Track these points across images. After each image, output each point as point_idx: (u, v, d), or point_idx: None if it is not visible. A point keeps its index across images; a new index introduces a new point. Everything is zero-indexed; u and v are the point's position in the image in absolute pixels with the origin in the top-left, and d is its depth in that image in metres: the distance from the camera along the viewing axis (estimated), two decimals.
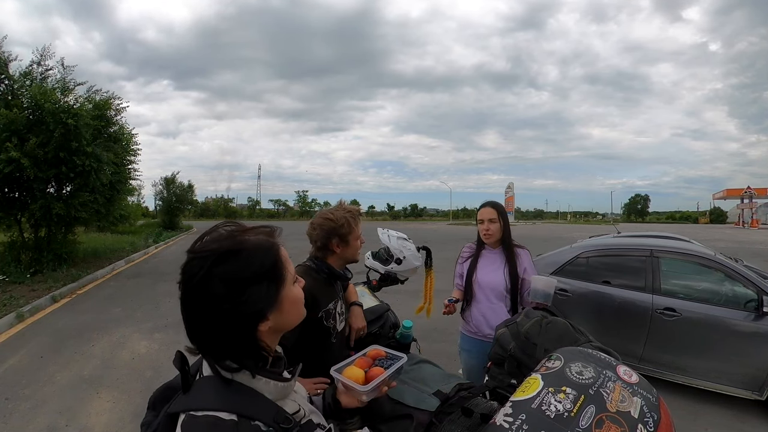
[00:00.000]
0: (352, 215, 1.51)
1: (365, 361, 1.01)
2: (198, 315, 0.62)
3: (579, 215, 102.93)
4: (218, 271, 0.60)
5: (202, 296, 0.61)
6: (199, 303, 0.61)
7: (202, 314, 0.61)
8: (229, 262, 0.61)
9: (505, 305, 2.05)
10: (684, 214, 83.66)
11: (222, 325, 0.61)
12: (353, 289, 1.77)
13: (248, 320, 0.63)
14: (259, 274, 0.63)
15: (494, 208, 2.07)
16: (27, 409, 2.97)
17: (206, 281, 0.60)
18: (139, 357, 4.00)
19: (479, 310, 2.11)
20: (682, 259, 3.40)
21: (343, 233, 1.46)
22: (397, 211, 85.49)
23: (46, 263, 7.86)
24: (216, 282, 0.60)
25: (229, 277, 0.61)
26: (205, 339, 0.63)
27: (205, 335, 0.63)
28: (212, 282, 0.60)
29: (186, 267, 0.62)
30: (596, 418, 0.75)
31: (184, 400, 0.63)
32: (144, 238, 15.55)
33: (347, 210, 1.52)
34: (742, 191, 44.19)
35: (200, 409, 0.60)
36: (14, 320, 5.03)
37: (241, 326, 0.62)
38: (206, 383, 0.64)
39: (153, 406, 0.83)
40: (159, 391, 0.84)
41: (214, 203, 67.89)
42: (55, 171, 7.25)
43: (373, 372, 0.94)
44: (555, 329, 1.24)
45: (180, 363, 0.64)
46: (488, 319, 2.07)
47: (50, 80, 7.81)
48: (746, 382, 2.88)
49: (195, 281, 0.61)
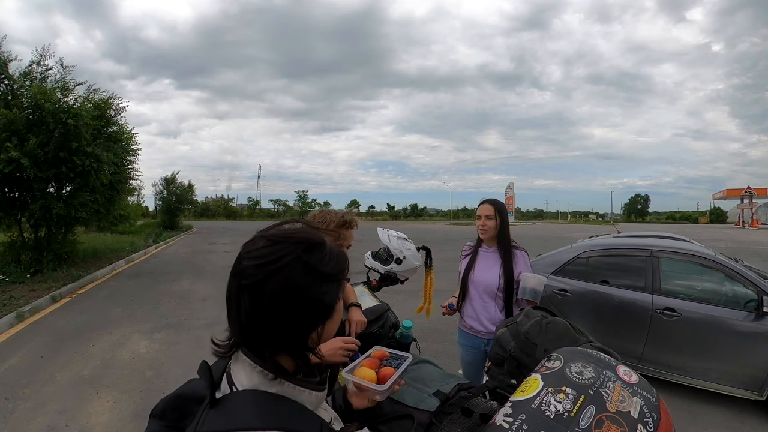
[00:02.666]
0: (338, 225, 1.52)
1: (372, 362, 1.01)
2: (271, 301, 0.57)
3: (579, 215, 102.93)
4: (306, 258, 0.59)
5: (283, 281, 0.57)
6: (277, 287, 0.57)
7: (277, 300, 0.57)
8: (316, 253, 0.60)
9: (496, 304, 2.07)
10: (684, 214, 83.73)
11: (292, 318, 0.58)
12: (352, 290, 1.76)
13: (315, 317, 0.61)
14: (335, 273, 0.62)
15: (492, 205, 2.09)
16: (27, 409, 2.97)
17: (293, 266, 0.58)
18: (139, 357, 4.00)
19: (472, 307, 2.15)
20: (682, 259, 3.39)
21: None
22: (397, 211, 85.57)
23: (46, 263, 7.86)
24: (301, 268, 0.58)
25: (317, 267, 0.59)
26: (267, 330, 0.59)
27: (273, 327, 0.58)
28: (298, 268, 0.58)
29: (264, 249, 0.59)
30: (596, 418, 0.75)
31: (219, 419, 0.56)
32: (144, 238, 15.56)
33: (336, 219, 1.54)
34: (742, 191, 44.21)
35: (242, 429, 0.54)
36: (14, 320, 5.03)
37: (307, 321, 0.60)
38: (245, 399, 0.59)
39: (161, 415, 0.75)
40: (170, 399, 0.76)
41: (214, 203, 67.87)
42: (55, 171, 7.25)
43: (384, 372, 0.95)
44: (555, 329, 1.24)
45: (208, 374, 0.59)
46: (479, 316, 2.11)
47: (50, 80, 7.81)
48: (746, 382, 2.88)
49: (279, 264, 0.57)
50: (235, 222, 49.29)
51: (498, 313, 2.06)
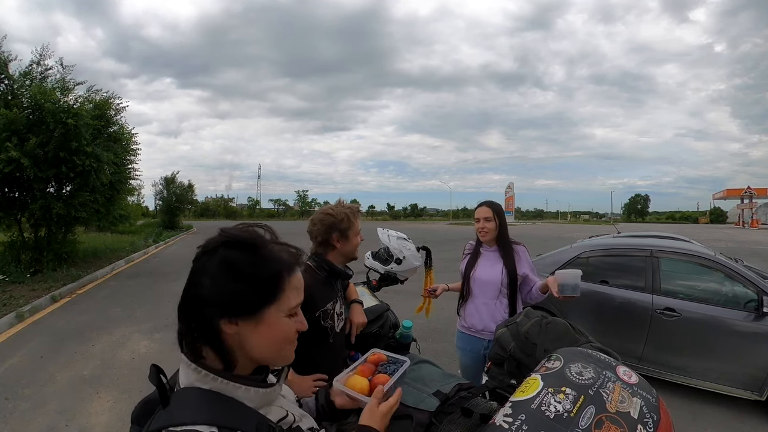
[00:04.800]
0: (352, 211, 1.55)
1: (367, 367, 0.99)
2: (188, 281, 0.63)
3: (578, 215, 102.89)
4: (224, 252, 0.62)
5: (198, 266, 0.63)
6: (192, 271, 0.63)
7: (189, 281, 0.63)
8: (239, 251, 0.63)
9: (500, 303, 2.07)
10: (684, 214, 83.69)
11: (195, 300, 0.62)
12: (353, 288, 1.77)
13: (215, 308, 0.61)
14: (255, 278, 0.62)
15: (489, 207, 2.10)
16: (27, 409, 2.97)
17: (210, 255, 0.62)
18: (139, 357, 3.99)
19: (475, 306, 2.14)
20: (682, 259, 3.39)
21: (343, 228, 1.50)
22: (397, 210, 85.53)
23: (46, 263, 7.85)
24: (215, 260, 0.62)
25: (228, 261, 0.62)
26: (181, 308, 0.63)
27: (182, 304, 0.63)
28: (213, 258, 0.62)
29: (208, 238, 0.65)
30: (596, 418, 0.75)
31: (163, 416, 0.60)
32: (144, 238, 15.55)
33: (347, 206, 1.57)
34: (742, 191, 44.19)
35: (179, 424, 0.57)
36: (14, 320, 5.03)
37: (206, 308, 0.61)
38: (184, 395, 0.62)
39: (137, 420, 0.81)
40: (140, 405, 0.81)
41: (214, 203, 67.83)
42: (55, 171, 7.24)
43: (377, 379, 0.92)
44: (555, 329, 1.24)
45: (156, 377, 0.62)
46: (482, 315, 2.10)
47: (50, 80, 7.81)
48: (746, 382, 2.87)
49: (202, 252, 0.63)
50: (235, 222, 49.11)
51: (500, 311, 2.06)
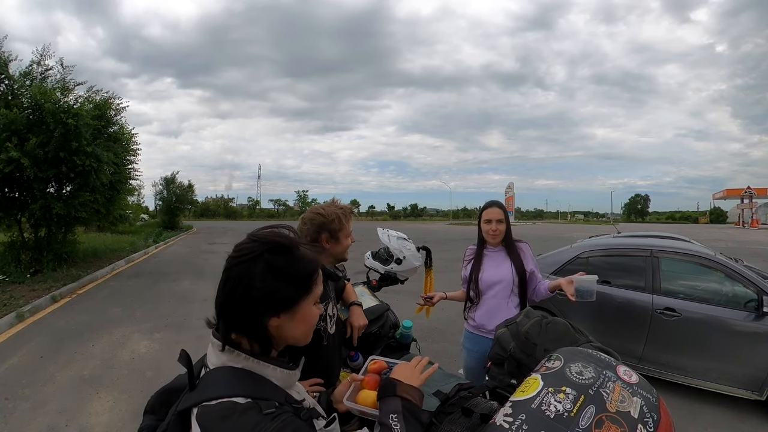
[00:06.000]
0: (344, 212, 1.50)
1: (372, 379, 0.99)
2: (232, 287, 0.68)
3: (573, 215, 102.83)
4: (268, 258, 0.69)
5: (243, 272, 0.68)
6: (238, 276, 0.68)
7: (236, 287, 0.68)
8: (280, 255, 0.70)
9: (511, 302, 2.04)
10: (684, 214, 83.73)
11: (245, 303, 0.67)
12: (352, 290, 1.75)
13: (265, 308, 0.68)
14: (295, 277, 0.71)
15: (501, 209, 2.09)
16: (27, 409, 2.97)
17: (254, 261, 0.68)
18: (139, 357, 4.00)
19: (486, 308, 2.09)
20: (682, 259, 3.39)
21: (333, 229, 1.45)
22: (397, 210, 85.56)
23: (46, 263, 7.85)
24: (261, 265, 0.68)
25: (274, 266, 0.69)
26: (227, 310, 0.69)
27: (229, 307, 0.69)
28: (258, 264, 0.68)
29: (242, 245, 0.71)
30: (596, 418, 0.75)
31: (194, 395, 0.65)
32: (144, 238, 15.55)
33: (339, 207, 1.51)
34: (743, 191, 44.20)
35: (214, 398, 0.62)
36: (14, 320, 5.03)
37: (257, 309, 0.68)
38: (215, 374, 0.67)
39: (152, 410, 0.83)
40: (158, 395, 0.85)
41: (214, 203, 67.88)
42: (55, 171, 7.25)
43: None
44: (555, 329, 1.24)
45: (186, 361, 0.68)
46: (493, 316, 2.04)
47: (50, 80, 7.82)
48: (746, 382, 2.88)
49: (245, 258, 0.69)
50: (235, 222, 49.25)
51: (512, 310, 2.01)
